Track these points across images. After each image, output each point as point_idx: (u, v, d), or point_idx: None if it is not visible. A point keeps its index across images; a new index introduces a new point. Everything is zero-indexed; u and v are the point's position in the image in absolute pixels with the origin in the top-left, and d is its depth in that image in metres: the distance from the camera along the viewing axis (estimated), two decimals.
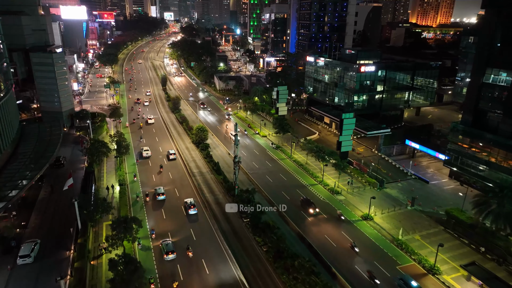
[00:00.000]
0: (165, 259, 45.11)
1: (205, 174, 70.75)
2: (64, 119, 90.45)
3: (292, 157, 78.79)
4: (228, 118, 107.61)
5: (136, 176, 67.59)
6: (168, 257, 45.00)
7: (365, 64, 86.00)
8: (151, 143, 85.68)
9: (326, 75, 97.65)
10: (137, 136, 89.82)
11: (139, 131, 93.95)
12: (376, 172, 69.87)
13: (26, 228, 48.60)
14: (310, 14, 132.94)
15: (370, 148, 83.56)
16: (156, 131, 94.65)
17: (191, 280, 42.94)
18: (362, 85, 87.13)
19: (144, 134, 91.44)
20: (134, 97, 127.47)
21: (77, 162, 71.24)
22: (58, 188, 58.23)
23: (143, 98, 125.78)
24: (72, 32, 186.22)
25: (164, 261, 45.21)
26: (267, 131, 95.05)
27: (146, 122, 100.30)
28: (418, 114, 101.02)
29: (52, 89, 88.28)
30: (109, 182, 65.27)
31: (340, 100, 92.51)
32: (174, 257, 45.28)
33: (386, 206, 59.52)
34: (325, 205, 60.54)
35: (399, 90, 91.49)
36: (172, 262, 45.39)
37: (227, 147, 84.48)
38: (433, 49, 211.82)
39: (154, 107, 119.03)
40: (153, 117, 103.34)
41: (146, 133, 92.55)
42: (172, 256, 45.12)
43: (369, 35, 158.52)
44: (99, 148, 65.53)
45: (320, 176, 69.81)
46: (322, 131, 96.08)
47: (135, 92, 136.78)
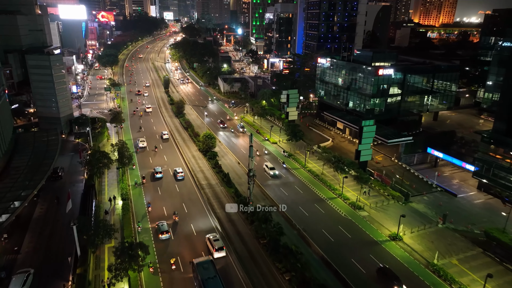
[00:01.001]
0: (159, 238, 49.35)
1: (215, 186, 65.46)
2: (63, 125, 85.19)
3: (306, 167, 73.58)
4: (242, 131, 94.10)
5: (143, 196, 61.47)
6: (162, 236, 49.40)
7: (383, 67, 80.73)
8: (157, 155, 79.65)
9: (339, 78, 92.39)
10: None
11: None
12: (400, 184, 64.62)
13: (19, 253, 43.30)
14: (319, 13, 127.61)
15: (389, 157, 78.38)
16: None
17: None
18: (379, 89, 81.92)
19: (148, 143, 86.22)
20: (134, 103, 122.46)
21: (76, 173, 65.94)
22: (56, 204, 53.20)
23: (142, 100, 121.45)
24: (71, 32, 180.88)
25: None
26: (277, 137, 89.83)
27: (144, 111, 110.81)
28: (436, 119, 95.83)
29: (50, 93, 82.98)
30: (111, 194, 60.12)
31: (355, 105, 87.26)
32: (168, 236, 49.79)
33: (414, 224, 54.33)
34: (348, 222, 55.33)
35: (418, 94, 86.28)
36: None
37: (236, 156, 79.22)
38: (439, 49, 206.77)
39: (156, 113, 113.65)
40: (151, 106, 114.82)
41: (150, 142, 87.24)
42: (166, 236, 49.61)
43: (379, 35, 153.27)
44: (99, 159, 60.19)
45: (338, 188, 64.67)
46: (335, 137, 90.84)
47: (136, 93, 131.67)
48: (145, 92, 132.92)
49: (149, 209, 56.88)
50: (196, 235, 51.03)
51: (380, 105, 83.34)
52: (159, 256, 46.38)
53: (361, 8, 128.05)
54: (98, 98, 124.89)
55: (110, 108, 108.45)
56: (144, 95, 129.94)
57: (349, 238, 51.32)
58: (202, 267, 40.03)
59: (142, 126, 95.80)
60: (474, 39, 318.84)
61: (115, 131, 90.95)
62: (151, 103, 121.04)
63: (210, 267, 40.14)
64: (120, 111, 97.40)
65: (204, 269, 39.63)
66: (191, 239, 50.37)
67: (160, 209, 57.15)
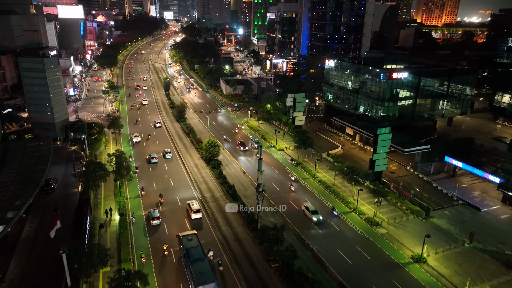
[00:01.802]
0: (151, 223, 52.05)
1: (219, 199, 60.89)
2: (57, 131, 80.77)
3: (316, 176, 69.00)
4: (256, 146, 79.82)
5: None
6: (153, 222, 52.04)
7: (397, 70, 76.19)
8: (157, 170, 73.79)
9: (349, 81, 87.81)
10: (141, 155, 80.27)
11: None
12: (420, 197, 59.99)
13: (2, 281, 38.75)
14: (325, 13, 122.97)
15: (404, 166, 73.80)
16: (160, 144, 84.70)
17: None
18: (393, 93, 77.38)
19: (148, 147, 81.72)
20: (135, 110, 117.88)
21: (71, 185, 61.58)
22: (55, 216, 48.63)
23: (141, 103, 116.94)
24: (69, 33, 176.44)
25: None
26: (284, 143, 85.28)
27: (141, 103, 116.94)
28: (450, 124, 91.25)
29: (44, 97, 78.54)
30: (107, 207, 55.82)
31: (366, 110, 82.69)
32: (159, 222, 52.38)
33: (438, 242, 49.76)
34: (365, 241, 50.78)
35: (433, 98, 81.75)
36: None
37: (241, 164, 74.68)
38: (445, 49, 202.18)
39: (156, 116, 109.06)
40: (147, 99, 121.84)
41: (150, 147, 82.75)
42: (157, 221, 52.24)
43: (386, 36, 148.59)
44: (95, 171, 55.59)
45: (352, 201, 60.17)
46: (345, 144, 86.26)
47: (136, 96, 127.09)
48: (143, 100, 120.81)
49: (142, 193, 61.13)
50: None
51: (393, 110, 78.79)
52: (152, 243, 48.99)
53: (369, 7, 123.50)
54: (96, 101, 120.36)
55: (108, 112, 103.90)
56: (143, 103, 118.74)
57: (368, 261, 46.76)
58: (187, 238, 44.14)
59: (144, 133, 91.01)
60: (478, 39, 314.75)
61: (113, 137, 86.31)
62: (151, 109, 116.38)
63: (193, 239, 44.22)
64: (119, 115, 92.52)
65: (188, 241, 43.68)
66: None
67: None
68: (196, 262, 40.01)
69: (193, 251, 41.32)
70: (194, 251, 41.35)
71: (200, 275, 38.16)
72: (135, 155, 77.78)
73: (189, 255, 40.75)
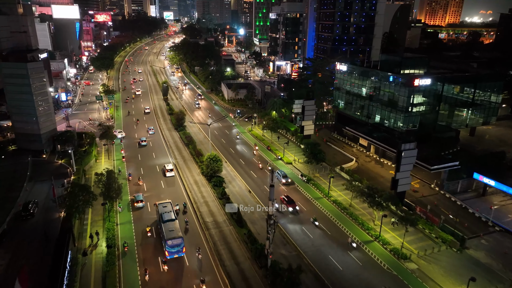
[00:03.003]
0: (135, 206, 56.17)
1: (222, 225, 53.49)
2: (44, 143, 73.48)
3: (330, 196, 61.63)
4: (284, 181, 65.39)
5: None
6: (137, 205, 56.14)
7: (419, 76, 68.82)
8: (152, 185, 65.82)
9: (363, 87, 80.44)
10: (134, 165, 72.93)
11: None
12: (452, 223, 52.52)
13: None
14: (334, 13, 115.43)
15: (427, 183, 66.36)
16: (157, 155, 77.28)
17: None
18: (413, 101, 70.03)
19: (144, 161, 74.40)
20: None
21: (53, 209, 54.01)
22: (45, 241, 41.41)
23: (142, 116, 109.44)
24: (64, 34, 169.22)
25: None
26: (292, 155, 77.97)
27: (134, 93, 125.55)
28: (473, 134, 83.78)
29: (28, 106, 71.27)
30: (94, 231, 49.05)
31: (383, 119, 75.32)
32: (142, 205, 56.54)
33: (480, 282, 42.28)
34: (394, 279, 43.37)
35: (457, 107, 74.42)
36: None
37: (245, 181, 67.22)
38: (453, 50, 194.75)
39: (155, 127, 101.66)
40: (140, 89, 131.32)
41: (145, 161, 75.38)
42: (140, 204, 56.40)
43: (396, 37, 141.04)
44: (79, 195, 48.15)
45: (374, 227, 52.82)
46: (359, 156, 78.84)
47: (134, 106, 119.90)
48: (145, 109, 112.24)
49: (130, 178, 65.87)
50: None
51: (414, 121, 71.39)
52: (135, 223, 52.63)
53: (380, 7, 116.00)
54: (91, 107, 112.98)
55: (102, 120, 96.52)
56: (146, 111, 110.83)
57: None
58: (162, 206, 51.42)
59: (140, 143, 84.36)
60: (484, 39, 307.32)
61: (106, 148, 78.84)
62: (148, 116, 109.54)
63: (167, 206, 51.29)
64: (112, 125, 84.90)
65: (163, 207, 50.89)
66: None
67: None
68: (167, 222, 47.33)
69: (165, 214, 48.74)
70: (166, 214, 48.76)
71: (170, 232, 45.43)
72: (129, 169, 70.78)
73: (162, 218, 48.15)
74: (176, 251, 44.29)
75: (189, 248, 47.16)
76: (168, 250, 44.06)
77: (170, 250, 44.04)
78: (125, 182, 64.31)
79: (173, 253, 44.28)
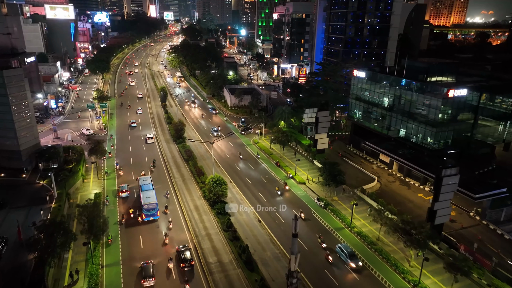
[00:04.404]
0: (120, 195, 59.21)
1: (228, 266, 44.60)
2: (24, 161, 64.76)
3: (353, 225, 52.88)
4: (348, 258, 45.20)
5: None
6: (122, 194, 59.29)
7: (453, 86, 59.96)
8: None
9: (385, 97, 71.60)
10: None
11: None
12: (506, 268, 43.58)
13: None
14: (346, 13, 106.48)
15: (465, 210, 57.42)
16: (155, 181, 68.13)
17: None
18: (447, 114, 61.24)
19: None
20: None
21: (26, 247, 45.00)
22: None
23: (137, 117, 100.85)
24: (58, 35, 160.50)
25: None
26: (305, 173, 69.23)
27: (128, 84, 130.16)
28: (508, 149, 74.87)
29: (5, 119, 62.63)
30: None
31: (410, 134, 66.44)
32: (127, 194, 59.51)
33: None
34: None
35: (494, 120, 65.64)
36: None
37: (255, 206, 58.17)
38: (464, 52, 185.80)
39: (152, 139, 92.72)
40: (135, 81, 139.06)
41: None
42: (126, 194, 59.49)
43: (411, 39, 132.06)
44: (55, 236, 39.19)
45: (410, 270, 44.01)
46: (380, 174, 69.97)
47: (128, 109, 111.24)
48: (137, 111, 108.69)
49: (118, 167, 69.29)
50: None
51: (446, 136, 62.52)
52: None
53: (396, 7, 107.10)
54: (83, 114, 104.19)
55: (91, 132, 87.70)
56: (138, 112, 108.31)
57: None
58: (142, 179, 59.72)
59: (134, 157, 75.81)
60: (492, 40, 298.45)
61: (95, 165, 69.90)
62: (145, 124, 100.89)
63: (147, 179, 59.53)
64: (102, 140, 75.35)
65: (143, 180, 59.27)
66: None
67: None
68: (145, 191, 54.88)
69: (145, 186, 56.65)
70: (145, 186, 56.64)
71: (147, 198, 52.93)
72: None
73: (141, 188, 56.20)
74: (151, 214, 52.02)
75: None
76: (145, 213, 51.89)
77: (146, 213, 51.86)
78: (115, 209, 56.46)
79: (148, 215, 52.00)
